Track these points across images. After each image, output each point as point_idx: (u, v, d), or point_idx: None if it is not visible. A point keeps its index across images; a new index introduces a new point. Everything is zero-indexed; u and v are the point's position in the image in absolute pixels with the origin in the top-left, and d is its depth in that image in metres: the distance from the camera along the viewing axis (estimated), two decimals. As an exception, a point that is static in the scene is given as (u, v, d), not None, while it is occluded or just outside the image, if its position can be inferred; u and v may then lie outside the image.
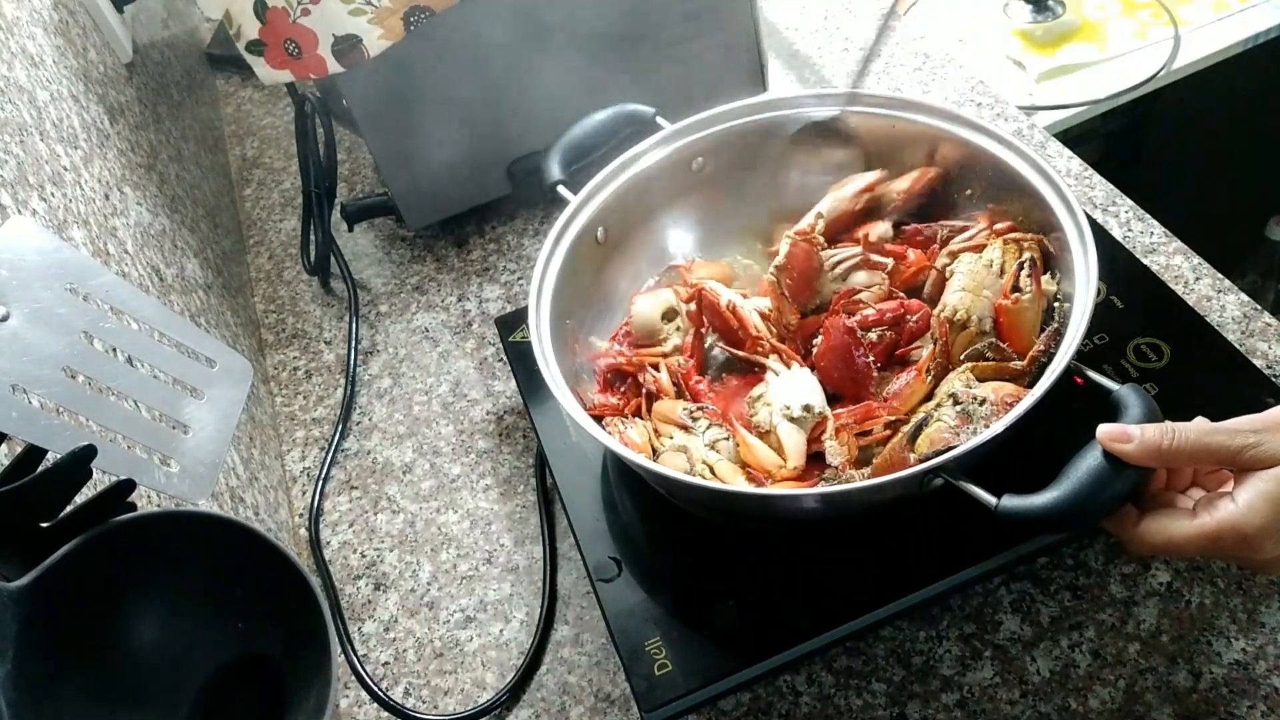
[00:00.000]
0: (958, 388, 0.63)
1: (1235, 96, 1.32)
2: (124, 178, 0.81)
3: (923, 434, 0.61)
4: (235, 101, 1.34)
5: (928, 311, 0.70)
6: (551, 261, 0.74)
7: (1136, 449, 0.50)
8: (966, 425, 0.60)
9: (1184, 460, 0.51)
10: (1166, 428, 0.50)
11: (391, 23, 0.84)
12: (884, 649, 0.66)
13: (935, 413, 0.62)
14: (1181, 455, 0.50)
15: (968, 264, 0.69)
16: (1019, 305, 0.65)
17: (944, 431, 0.60)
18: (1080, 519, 0.51)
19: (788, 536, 0.68)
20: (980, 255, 0.69)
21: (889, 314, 0.71)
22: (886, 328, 0.70)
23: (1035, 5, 1.29)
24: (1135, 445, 0.50)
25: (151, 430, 0.48)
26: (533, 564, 0.77)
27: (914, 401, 0.66)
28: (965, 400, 0.61)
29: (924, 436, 0.61)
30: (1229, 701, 0.60)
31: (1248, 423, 0.50)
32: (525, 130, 0.97)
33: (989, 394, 0.61)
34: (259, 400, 0.91)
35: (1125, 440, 0.50)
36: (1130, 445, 0.50)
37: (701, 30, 0.98)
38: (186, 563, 0.49)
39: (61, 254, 0.47)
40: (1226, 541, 0.49)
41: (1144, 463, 0.51)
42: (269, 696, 0.50)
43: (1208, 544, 0.50)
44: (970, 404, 0.61)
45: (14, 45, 0.72)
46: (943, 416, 0.61)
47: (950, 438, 0.59)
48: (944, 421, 0.60)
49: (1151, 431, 0.50)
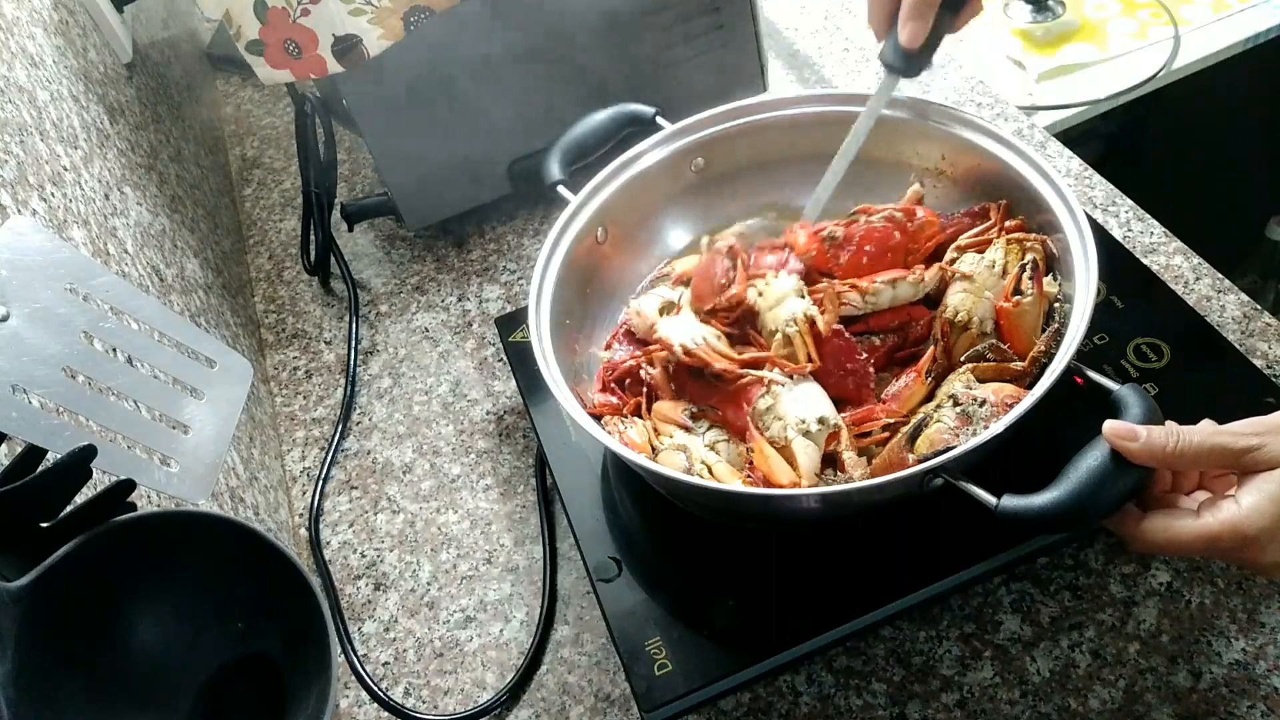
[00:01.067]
0: (958, 389, 0.63)
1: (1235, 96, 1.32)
2: (124, 178, 0.81)
3: (922, 435, 0.61)
4: (235, 101, 1.34)
5: (932, 317, 0.70)
6: (551, 261, 0.74)
7: (1141, 449, 0.50)
8: (966, 426, 0.60)
9: (1188, 463, 0.51)
10: (1171, 430, 0.50)
11: (391, 23, 0.84)
12: (884, 649, 0.66)
13: (935, 414, 0.62)
14: (1185, 458, 0.50)
15: (970, 264, 0.69)
16: (1020, 308, 0.65)
17: (944, 432, 0.60)
18: (1080, 519, 0.51)
19: (788, 536, 0.68)
20: (982, 256, 0.69)
21: (895, 323, 0.71)
22: (890, 332, 0.70)
23: (1035, 5, 1.29)
24: (1140, 445, 0.50)
25: (151, 430, 0.48)
26: (533, 564, 0.77)
27: (913, 403, 0.66)
28: (965, 401, 0.61)
29: (924, 437, 0.61)
30: (1229, 701, 0.60)
31: (1252, 425, 0.50)
32: (525, 130, 0.97)
33: (989, 395, 0.61)
34: (259, 400, 0.91)
35: (1131, 438, 0.50)
36: (1135, 444, 0.50)
37: (701, 30, 0.98)
38: (187, 563, 0.49)
39: (61, 254, 0.47)
40: (1228, 543, 0.49)
41: (1147, 463, 0.51)
42: (269, 696, 0.50)
43: (1209, 545, 0.50)
44: (970, 405, 0.61)
45: (14, 45, 0.72)
46: (943, 417, 0.61)
47: (950, 438, 0.59)
48: (944, 422, 0.61)
49: (1157, 433, 0.50)
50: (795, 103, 0.80)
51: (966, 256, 0.71)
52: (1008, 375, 0.64)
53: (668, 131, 0.80)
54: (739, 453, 0.67)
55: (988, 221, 0.73)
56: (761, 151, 0.82)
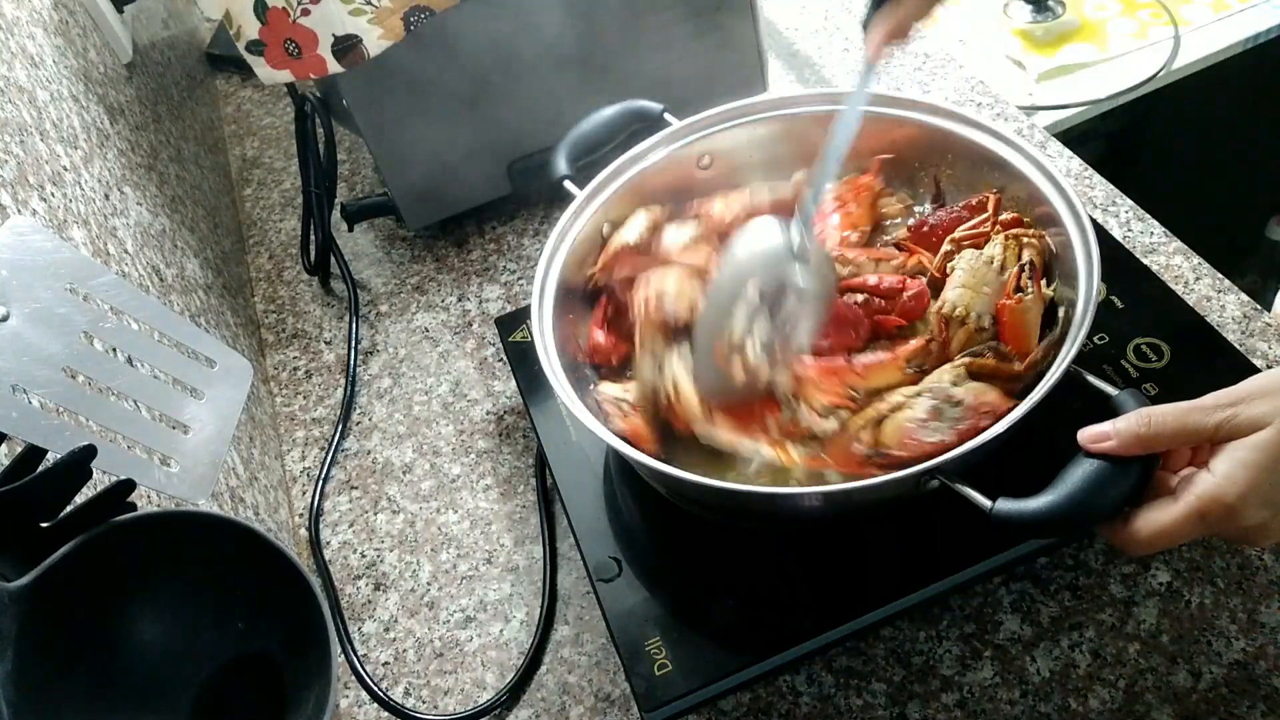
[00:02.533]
0: (942, 383, 0.62)
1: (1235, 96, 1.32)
2: (124, 178, 0.81)
3: (889, 420, 0.61)
4: (235, 101, 1.34)
5: (925, 293, 0.70)
6: (556, 254, 0.74)
7: (1117, 445, 0.51)
8: (933, 421, 0.60)
9: (1165, 443, 0.51)
10: (1143, 414, 0.51)
11: (391, 23, 0.84)
12: (884, 649, 0.66)
13: (911, 400, 0.61)
14: (1162, 438, 0.51)
15: (969, 260, 0.69)
16: (1022, 304, 0.65)
17: (910, 422, 0.60)
18: (1076, 524, 0.51)
19: (788, 536, 0.68)
20: (981, 251, 0.69)
21: (885, 284, 0.70)
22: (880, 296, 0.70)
23: (1035, 5, 1.29)
24: (1116, 442, 0.51)
25: (151, 430, 0.48)
26: (533, 564, 0.77)
27: (879, 383, 0.66)
28: (939, 398, 0.61)
29: (890, 422, 0.61)
30: (1229, 701, 0.60)
31: (1223, 396, 0.51)
32: (525, 130, 0.97)
33: (967, 398, 0.61)
34: (259, 400, 0.91)
35: (1105, 439, 0.51)
36: (1111, 442, 0.51)
37: (701, 30, 0.98)
38: (186, 563, 0.49)
39: (61, 254, 0.47)
40: (1213, 516, 0.49)
41: (1129, 453, 0.51)
42: (269, 696, 0.50)
43: (1195, 522, 0.50)
44: (944, 403, 0.60)
45: (14, 45, 0.72)
46: (914, 406, 0.61)
47: (914, 429, 0.59)
48: (913, 412, 0.61)
49: (1127, 422, 0.51)
50: (803, 101, 0.80)
51: (965, 253, 0.70)
52: (1004, 375, 0.64)
53: (674, 128, 0.80)
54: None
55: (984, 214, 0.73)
56: (768, 150, 0.81)
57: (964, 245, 0.71)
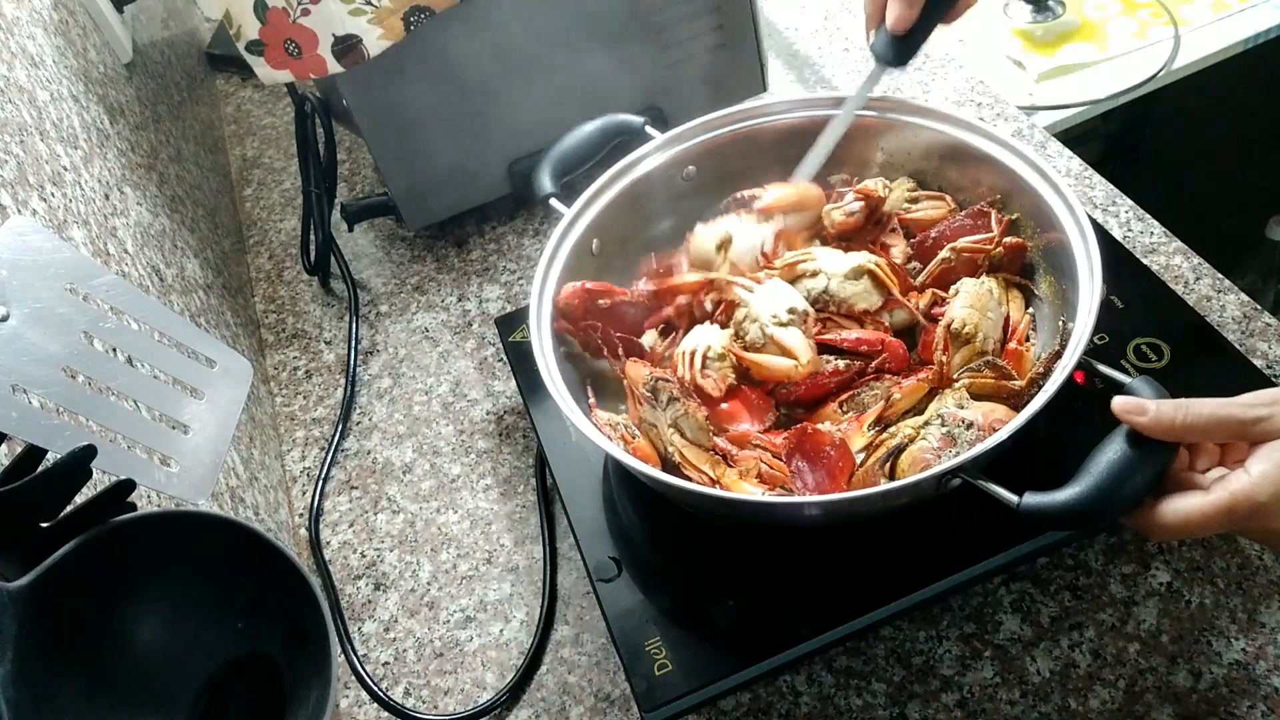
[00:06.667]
0: (948, 407, 0.62)
1: (1235, 96, 1.32)
2: (124, 178, 0.81)
3: (905, 452, 0.61)
4: (235, 101, 1.34)
5: (904, 354, 0.70)
6: (550, 271, 0.74)
7: (1150, 422, 0.51)
8: (950, 448, 0.60)
9: (1198, 435, 0.51)
10: (1180, 403, 0.51)
11: (391, 23, 0.84)
12: (884, 649, 0.66)
13: (922, 431, 0.62)
14: (1195, 429, 0.51)
15: (971, 286, 0.70)
16: (1030, 352, 0.67)
17: (926, 453, 0.60)
18: (1104, 513, 0.51)
19: (788, 537, 0.68)
20: (980, 281, 0.70)
21: (864, 343, 0.70)
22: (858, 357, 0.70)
23: (1035, 5, 1.29)
24: (1150, 418, 0.51)
25: (151, 430, 0.48)
26: (533, 564, 0.77)
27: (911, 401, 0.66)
28: (951, 423, 0.61)
29: (907, 454, 0.61)
30: (1229, 701, 0.60)
31: (1262, 396, 0.51)
32: (525, 130, 0.97)
33: (977, 417, 0.61)
34: (259, 400, 0.91)
35: (1140, 412, 0.51)
36: (1145, 418, 0.51)
37: (701, 30, 0.98)
38: (186, 563, 0.49)
39: (61, 254, 0.47)
40: (1241, 513, 0.49)
41: (1158, 436, 0.51)
42: (269, 696, 0.50)
43: (1223, 518, 0.50)
44: (956, 427, 0.61)
45: (14, 45, 0.72)
46: (927, 436, 0.61)
47: (933, 459, 0.59)
48: (928, 442, 0.60)
49: (1166, 407, 0.51)
50: (783, 108, 0.80)
51: (965, 281, 0.70)
52: (1004, 393, 0.64)
53: (659, 141, 0.80)
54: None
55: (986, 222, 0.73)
56: (751, 158, 0.81)
57: (963, 255, 0.71)
